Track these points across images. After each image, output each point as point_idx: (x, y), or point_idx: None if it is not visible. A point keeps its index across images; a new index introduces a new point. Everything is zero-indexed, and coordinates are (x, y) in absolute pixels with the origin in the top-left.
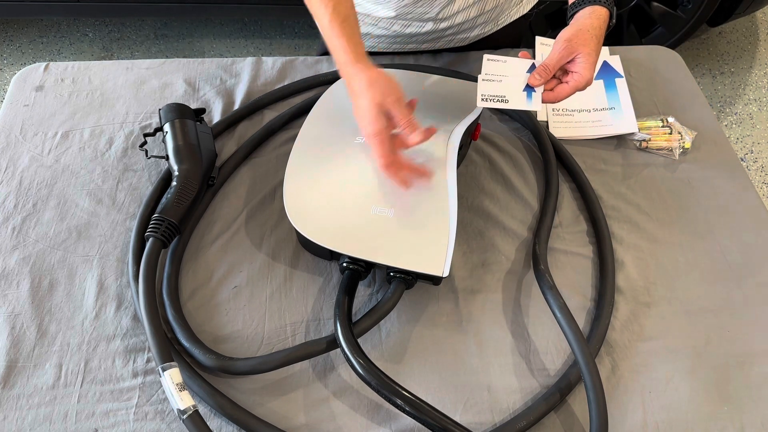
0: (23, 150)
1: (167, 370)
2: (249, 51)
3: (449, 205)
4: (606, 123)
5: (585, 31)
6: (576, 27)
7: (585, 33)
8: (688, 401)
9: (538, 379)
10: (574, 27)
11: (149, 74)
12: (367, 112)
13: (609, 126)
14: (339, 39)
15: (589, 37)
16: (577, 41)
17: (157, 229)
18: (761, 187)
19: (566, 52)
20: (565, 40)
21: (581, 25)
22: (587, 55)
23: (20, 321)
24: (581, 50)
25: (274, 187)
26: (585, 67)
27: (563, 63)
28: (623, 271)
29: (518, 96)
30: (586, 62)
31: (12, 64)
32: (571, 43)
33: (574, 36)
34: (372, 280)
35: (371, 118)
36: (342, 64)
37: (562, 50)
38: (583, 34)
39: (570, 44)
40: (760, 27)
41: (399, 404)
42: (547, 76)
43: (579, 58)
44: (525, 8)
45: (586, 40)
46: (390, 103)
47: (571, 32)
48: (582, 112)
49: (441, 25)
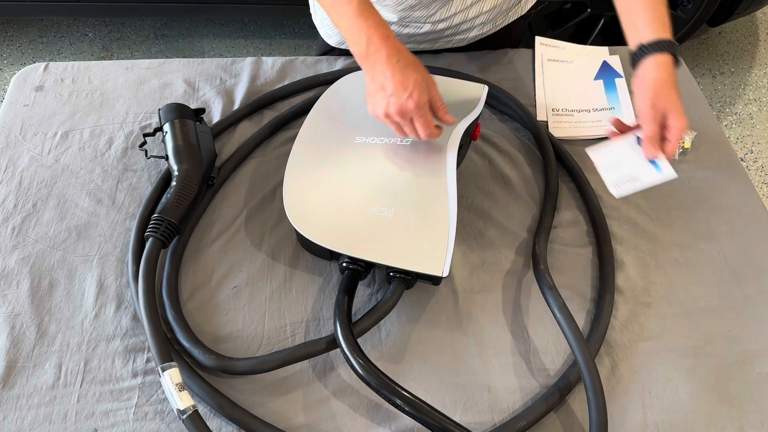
0: (23, 150)
1: (167, 370)
2: (249, 51)
3: (449, 205)
4: (606, 123)
5: (662, 89)
6: (651, 88)
7: (663, 91)
8: (688, 401)
9: (538, 379)
10: (650, 88)
11: (149, 74)
12: (417, 85)
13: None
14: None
15: (667, 91)
16: (661, 103)
17: (156, 229)
18: (761, 187)
19: (658, 117)
20: (651, 108)
21: (654, 83)
22: (676, 109)
23: (20, 321)
24: (668, 107)
25: (274, 187)
26: (677, 117)
27: (660, 124)
28: (623, 271)
29: (646, 170)
30: (677, 113)
31: (12, 64)
32: (657, 108)
33: (655, 100)
34: (372, 280)
35: (421, 89)
36: (383, 38)
37: (654, 117)
38: (662, 93)
39: (656, 109)
40: (760, 27)
41: (399, 404)
42: (658, 144)
43: (669, 114)
44: (523, 9)
45: (667, 97)
46: (432, 84)
47: (651, 96)
48: (582, 112)
49: (439, 26)
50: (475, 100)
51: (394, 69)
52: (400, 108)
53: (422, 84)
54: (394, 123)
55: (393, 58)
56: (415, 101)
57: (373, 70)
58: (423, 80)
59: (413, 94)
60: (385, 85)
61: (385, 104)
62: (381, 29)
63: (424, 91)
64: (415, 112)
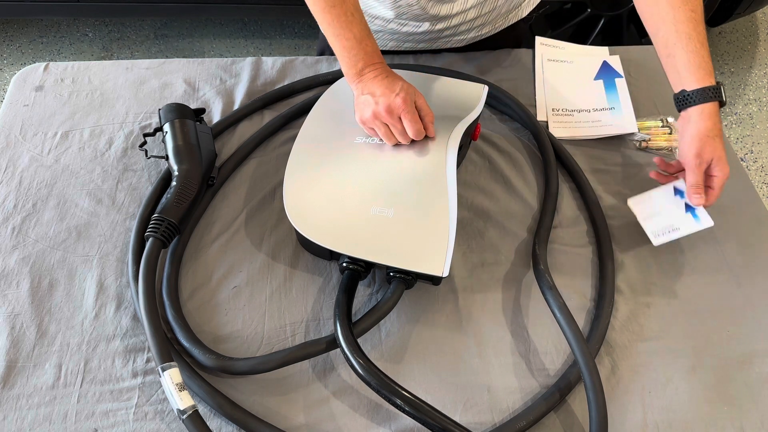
0: (23, 150)
1: (167, 370)
2: (249, 51)
3: (449, 205)
4: (606, 123)
5: (707, 139)
6: (697, 139)
7: (708, 141)
8: (688, 401)
9: (538, 379)
10: (695, 139)
11: (149, 74)
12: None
13: (609, 126)
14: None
15: (713, 141)
16: (705, 152)
17: (156, 229)
18: (761, 187)
19: (704, 166)
20: (696, 157)
21: (699, 134)
22: (720, 159)
23: (20, 321)
24: (713, 156)
25: (274, 187)
26: (722, 167)
27: (704, 173)
28: (623, 271)
29: (685, 220)
30: (721, 163)
31: (12, 64)
32: (702, 158)
33: (700, 150)
34: (372, 280)
35: (407, 92)
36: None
37: (699, 166)
38: (708, 144)
39: (701, 159)
40: (760, 27)
41: (399, 404)
42: (702, 192)
43: (714, 163)
44: (523, 12)
45: (712, 148)
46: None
47: (697, 147)
48: (582, 113)
49: (437, 26)
50: (475, 100)
51: (383, 80)
52: (388, 105)
53: (409, 89)
54: (383, 125)
55: (382, 74)
56: (403, 98)
57: (363, 87)
58: (409, 87)
59: (400, 93)
60: (374, 91)
61: (373, 104)
62: (377, 56)
63: (410, 94)
64: (403, 108)
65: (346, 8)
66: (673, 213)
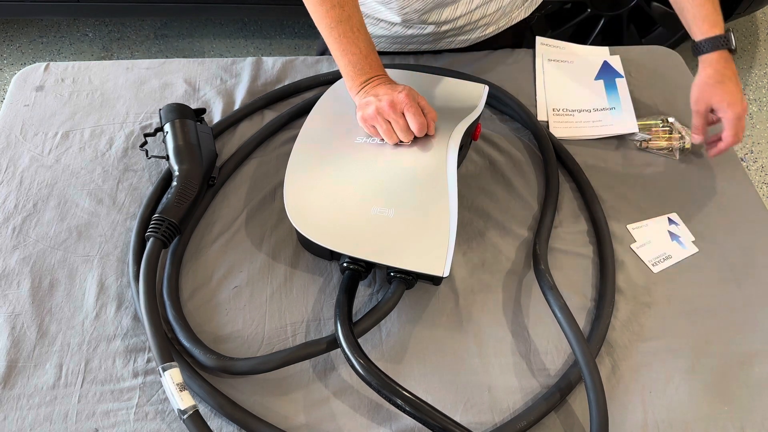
0: (23, 150)
1: (168, 370)
2: (249, 51)
3: (449, 205)
4: (606, 123)
5: (704, 85)
6: (695, 87)
7: (705, 87)
8: (688, 401)
9: (539, 379)
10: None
11: (149, 74)
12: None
13: (609, 126)
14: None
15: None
16: (703, 98)
17: (157, 229)
18: (761, 187)
19: (702, 111)
20: (694, 103)
21: (699, 81)
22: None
23: (20, 321)
24: (711, 101)
25: (275, 187)
26: (725, 108)
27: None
28: (623, 271)
29: (674, 249)
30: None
31: (12, 64)
32: (699, 104)
33: (698, 96)
34: (372, 280)
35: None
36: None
37: (697, 111)
38: (704, 89)
39: (698, 105)
40: (760, 27)
41: (399, 404)
42: (699, 132)
43: (716, 109)
44: (527, 11)
45: (710, 93)
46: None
47: (695, 94)
48: (582, 112)
49: (442, 27)
50: (476, 100)
51: (385, 85)
52: (391, 100)
53: (411, 90)
54: (385, 122)
55: (384, 82)
56: (406, 94)
57: (365, 93)
58: (411, 89)
59: (403, 90)
60: (376, 93)
61: (376, 101)
62: (380, 69)
63: (413, 93)
64: (406, 102)
65: (352, 24)
66: (665, 244)
